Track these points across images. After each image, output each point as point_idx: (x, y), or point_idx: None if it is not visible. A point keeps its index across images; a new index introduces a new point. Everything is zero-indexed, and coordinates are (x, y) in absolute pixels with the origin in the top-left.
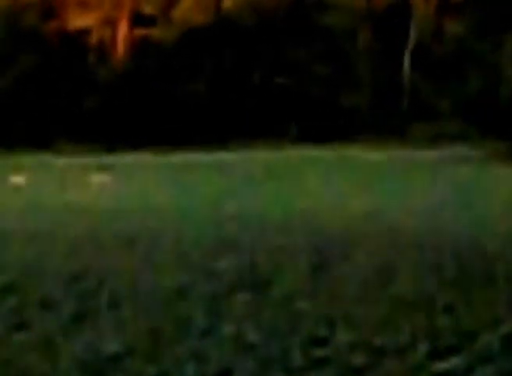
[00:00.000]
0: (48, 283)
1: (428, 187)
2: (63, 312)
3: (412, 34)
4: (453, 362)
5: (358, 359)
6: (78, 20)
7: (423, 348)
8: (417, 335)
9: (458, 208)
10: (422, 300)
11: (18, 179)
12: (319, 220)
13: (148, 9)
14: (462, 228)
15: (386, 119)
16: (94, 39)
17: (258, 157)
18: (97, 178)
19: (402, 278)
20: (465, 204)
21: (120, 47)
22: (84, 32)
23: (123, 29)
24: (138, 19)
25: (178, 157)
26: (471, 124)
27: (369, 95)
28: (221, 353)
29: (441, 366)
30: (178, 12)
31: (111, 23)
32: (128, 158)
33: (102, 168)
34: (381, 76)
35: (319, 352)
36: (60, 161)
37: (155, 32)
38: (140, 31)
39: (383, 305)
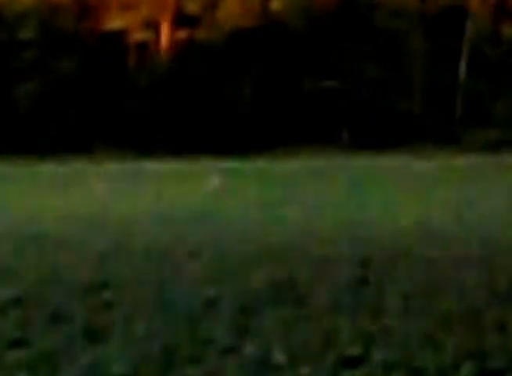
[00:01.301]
0: (60, 295)
1: (482, 197)
2: (71, 327)
3: (468, 37)
4: None
5: None
6: (117, 21)
7: (467, 369)
8: (462, 355)
9: (509, 219)
10: (470, 316)
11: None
12: (366, 231)
13: (191, 9)
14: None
15: (440, 125)
16: (134, 40)
17: (307, 165)
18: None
19: (450, 292)
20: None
21: (163, 49)
22: (124, 33)
23: (165, 30)
24: (181, 20)
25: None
26: None
27: (423, 100)
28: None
29: None
30: (223, 13)
31: (153, 23)
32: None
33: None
34: (435, 79)
35: (352, 374)
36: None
37: (199, 33)
38: (183, 32)
39: (426, 321)
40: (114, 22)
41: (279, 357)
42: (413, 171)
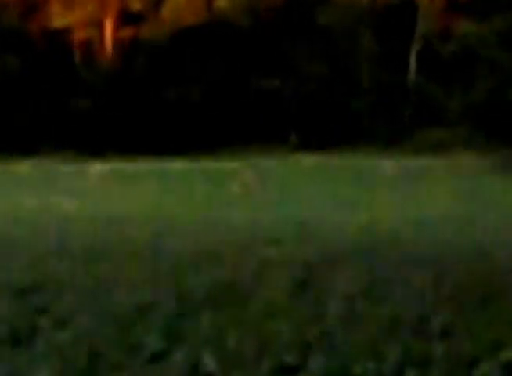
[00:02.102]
0: None
1: (432, 198)
2: None
3: (418, 34)
4: None
5: None
6: (62, 19)
7: None
8: (405, 363)
9: (462, 221)
10: (415, 321)
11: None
12: (312, 232)
13: (136, 7)
14: (464, 241)
15: (390, 124)
16: (79, 39)
17: (254, 165)
18: None
19: (396, 296)
20: (469, 216)
21: (107, 47)
22: (69, 31)
23: (109, 28)
24: (125, 18)
25: (176, 165)
26: (479, 129)
27: (373, 99)
28: None
29: None
30: (168, 11)
31: (97, 21)
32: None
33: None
34: (385, 78)
35: None
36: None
37: (143, 31)
38: (128, 30)
39: (369, 327)
40: (59, 20)
41: (209, 364)
42: (362, 171)
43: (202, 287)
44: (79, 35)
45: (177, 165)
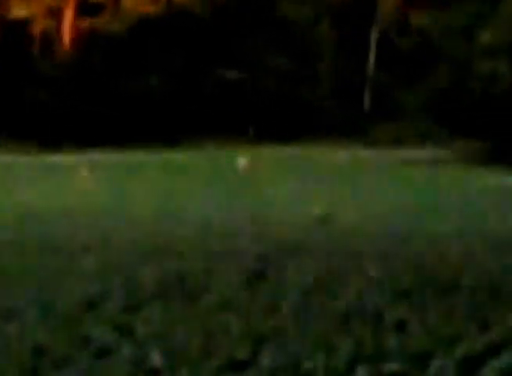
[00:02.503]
0: None
1: (389, 189)
2: None
3: (377, 26)
4: None
5: None
6: (21, 10)
7: (362, 373)
8: (358, 358)
9: (417, 213)
10: (369, 315)
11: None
12: (267, 225)
13: None
14: (420, 234)
15: (348, 116)
16: (38, 29)
17: (209, 158)
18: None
19: (350, 289)
20: (425, 208)
21: (66, 38)
22: (28, 22)
23: (68, 18)
24: (84, 8)
25: (129, 156)
26: (439, 122)
27: (331, 91)
28: None
29: None
30: (128, 1)
31: (56, 12)
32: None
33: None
34: (344, 70)
35: None
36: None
37: (102, 22)
38: (87, 21)
39: (323, 321)
40: (18, 10)
41: (156, 360)
42: (319, 163)
43: (153, 279)
44: (38, 26)
45: (135, 157)
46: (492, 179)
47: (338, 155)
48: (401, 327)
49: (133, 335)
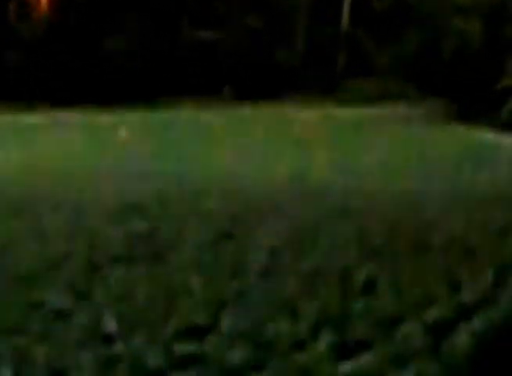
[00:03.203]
0: None
1: (361, 147)
2: None
3: None
4: (363, 360)
5: (237, 356)
6: None
7: (326, 340)
8: (321, 323)
9: (392, 170)
10: (336, 276)
11: None
12: (237, 184)
13: None
14: (394, 192)
15: (322, 75)
16: None
17: (186, 117)
18: None
19: (319, 249)
20: (400, 165)
21: (42, 0)
22: None
23: None
24: None
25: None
26: (410, 81)
27: (305, 50)
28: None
29: (346, 366)
30: None
31: None
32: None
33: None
34: (318, 29)
35: (190, 347)
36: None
37: None
38: None
39: (288, 282)
40: None
41: (109, 325)
42: (292, 123)
43: (118, 239)
44: None
45: (106, 118)
46: (462, 136)
47: (311, 113)
48: (369, 288)
49: (90, 299)
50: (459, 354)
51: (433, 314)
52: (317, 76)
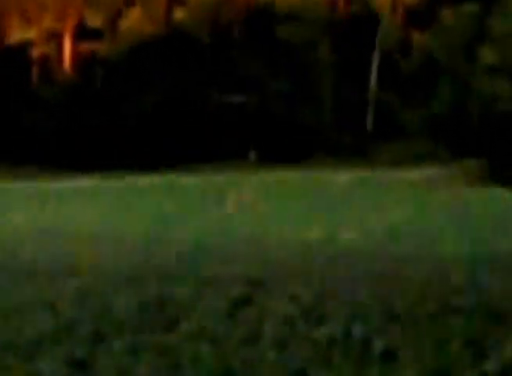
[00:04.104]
0: None
1: (388, 211)
2: None
3: (379, 47)
4: None
5: None
6: (19, 34)
7: None
8: None
9: (417, 233)
10: (354, 344)
11: None
12: (261, 248)
13: (93, 22)
14: (420, 255)
15: (350, 138)
16: (37, 54)
17: (212, 180)
18: None
19: (337, 315)
20: (425, 228)
21: (65, 62)
22: (27, 46)
23: (67, 43)
24: (83, 33)
25: (129, 181)
26: (440, 142)
27: (332, 112)
28: None
29: None
30: (126, 24)
31: (55, 36)
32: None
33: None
34: (346, 91)
35: None
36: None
37: (101, 46)
38: (86, 45)
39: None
40: (16, 35)
41: None
42: (321, 185)
43: (126, 307)
44: (37, 50)
45: (136, 181)
46: (492, 197)
47: (339, 176)
48: (389, 356)
49: (91, 370)
50: None
51: None
52: (346, 138)
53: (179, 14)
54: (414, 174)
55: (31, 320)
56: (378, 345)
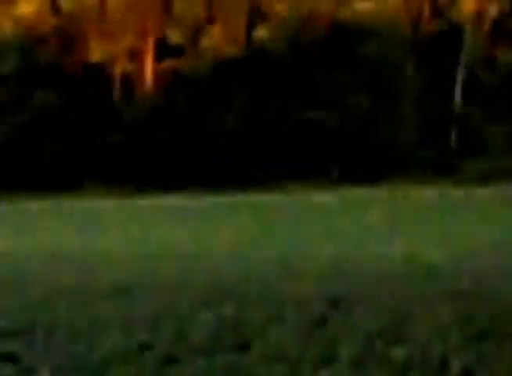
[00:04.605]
0: None
1: (478, 229)
2: None
3: (463, 63)
4: None
5: None
6: (100, 52)
7: None
8: None
9: (506, 252)
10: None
11: None
12: (347, 266)
13: (175, 39)
14: (508, 273)
15: (435, 154)
16: (118, 72)
17: (297, 199)
18: None
19: (415, 335)
20: None
21: (147, 80)
22: (107, 64)
23: (148, 60)
24: (164, 50)
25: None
26: None
27: (416, 129)
28: None
29: None
30: (208, 42)
31: (136, 54)
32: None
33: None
34: (430, 108)
35: None
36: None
37: (183, 64)
38: (167, 63)
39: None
40: (97, 53)
41: None
42: (404, 202)
43: (206, 326)
44: (118, 68)
45: (220, 199)
46: None
47: (426, 194)
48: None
49: None
50: None
51: None
52: (429, 155)
53: (260, 32)
54: (497, 191)
55: (104, 340)
56: (456, 365)
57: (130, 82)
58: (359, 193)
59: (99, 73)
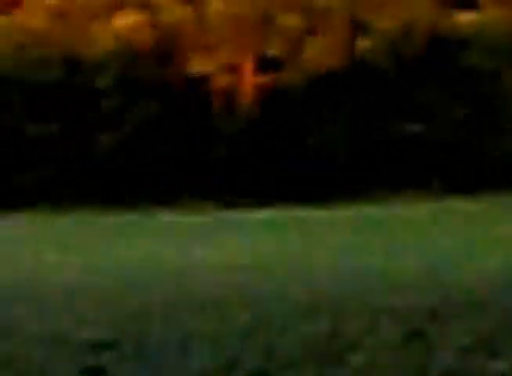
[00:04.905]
0: None
1: None
2: None
3: None
4: None
5: None
6: (199, 66)
7: None
8: None
9: None
10: None
11: None
12: (438, 277)
13: (274, 52)
14: None
15: None
16: (217, 86)
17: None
18: None
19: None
20: None
21: (246, 94)
22: (207, 78)
23: (247, 74)
24: (264, 63)
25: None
26: None
27: None
28: None
29: None
30: (308, 55)
31: (235, 67)
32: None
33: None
34: None
35: None
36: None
37: (282, 77)
38: (267, 76)
39: None
40: (195, 67)
41: None
42: (507, 217)
43: (298, 339)
44: (217, 82)
45: (318, 213)
46: None
47: None
48: None
49: None
50: None
51: None
52: None
53: (363, 44)
54: None
55: (194, 354)
56: None
57: (230, 96)
58: (460, 205)
59: (200, 86)
